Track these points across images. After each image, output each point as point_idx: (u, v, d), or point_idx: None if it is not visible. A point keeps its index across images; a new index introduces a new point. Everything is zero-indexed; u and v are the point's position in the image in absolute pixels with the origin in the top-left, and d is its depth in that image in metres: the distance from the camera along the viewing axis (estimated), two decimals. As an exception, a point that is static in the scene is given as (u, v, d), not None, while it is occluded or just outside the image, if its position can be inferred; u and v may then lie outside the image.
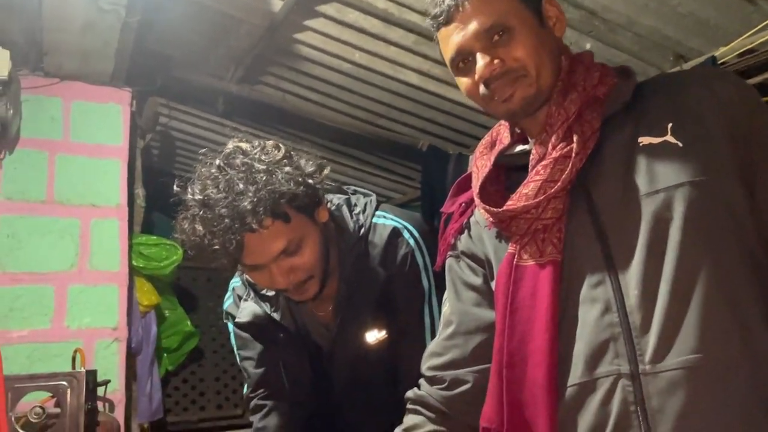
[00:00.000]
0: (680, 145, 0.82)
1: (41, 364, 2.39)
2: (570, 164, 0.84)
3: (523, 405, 0.86)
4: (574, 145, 0.84)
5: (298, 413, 1.45)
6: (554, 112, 0.87)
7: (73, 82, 2.65)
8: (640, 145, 0.84)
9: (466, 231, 1.03)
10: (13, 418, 1.77)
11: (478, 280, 1.00)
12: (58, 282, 2.54)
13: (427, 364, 1.06)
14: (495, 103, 0.88)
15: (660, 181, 0.82)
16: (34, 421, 1.79)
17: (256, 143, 1.24)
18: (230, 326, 1.53)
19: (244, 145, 1.23)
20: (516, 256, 0.88)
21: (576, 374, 0.83)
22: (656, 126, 0.85)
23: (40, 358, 2.42)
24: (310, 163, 1.24)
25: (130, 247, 2.78)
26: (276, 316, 1.38)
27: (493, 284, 0.95)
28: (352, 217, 1.34)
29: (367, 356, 1.35)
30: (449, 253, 1.05)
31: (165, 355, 3.46)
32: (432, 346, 1.07)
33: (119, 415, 2.51)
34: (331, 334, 1.39)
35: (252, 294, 1.42)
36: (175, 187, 1.23)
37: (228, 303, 1.52)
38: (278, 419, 1.44)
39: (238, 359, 1.53)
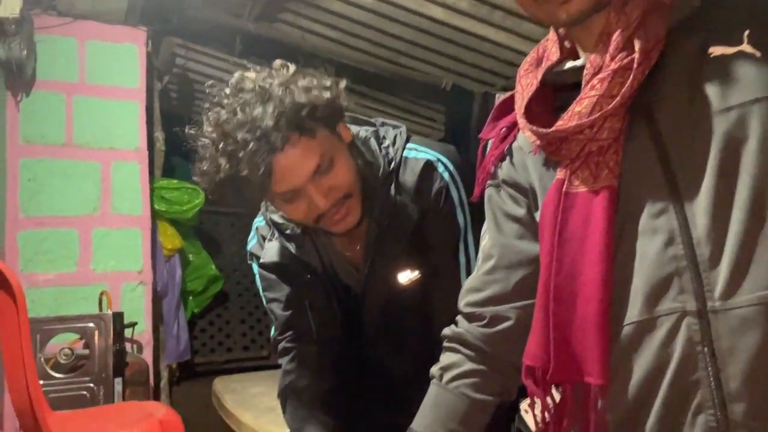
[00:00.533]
0: (758, 54, 0.72)
1: (68, 306, 2.40)
2: (631, 76, 0.74)
3: (571, 343, 0.80)
4: (636, 55, 0.74)
5: (327, 355, 1.41)
6: (613, 19, 0.77)
7: (86, 21, 2.58)
8: (711, 56, 0.74)
9: (507, 158, 0.94)
10: (42, 359, 1.78)
11: (520, 211, 0.93)
12: (82, 225, 2.53)
13: (465, 300, 1.00)
14: (550, 6, 0.78)
15: (733, 96, 0.72)
16: (63, 362, 1.80)
17: (260, 69, 1.17)
18: (255, 267, 1.48)
19: (250, 73, 1.16)
20: (566, 182, 0.80)
21: (633, 312, 0.77)
22: (730, 34, 0.74)
23: (67, 301, 2.43)
24: (324, 76, 1.17)
25: (152, 190, 2.76)
26: (302, 255, 1.33)
27: (537, 215, 0.88)
28: (381, 151, 1.26)
29: (399, 297, 1.30)
30: (489, 182, 0.97)
31: (191, 298, 3.50)
32: (470, 281, 1.01)
33: (147, 356, 2.54)
34: (361, 276, 1.34)
35: (276, 234, 1.37)
36: (187, 130, 1.16)
37: (252, 244, 1.47)
38: (307, 362, 1.40)
39: (264, 301, 1.49)
